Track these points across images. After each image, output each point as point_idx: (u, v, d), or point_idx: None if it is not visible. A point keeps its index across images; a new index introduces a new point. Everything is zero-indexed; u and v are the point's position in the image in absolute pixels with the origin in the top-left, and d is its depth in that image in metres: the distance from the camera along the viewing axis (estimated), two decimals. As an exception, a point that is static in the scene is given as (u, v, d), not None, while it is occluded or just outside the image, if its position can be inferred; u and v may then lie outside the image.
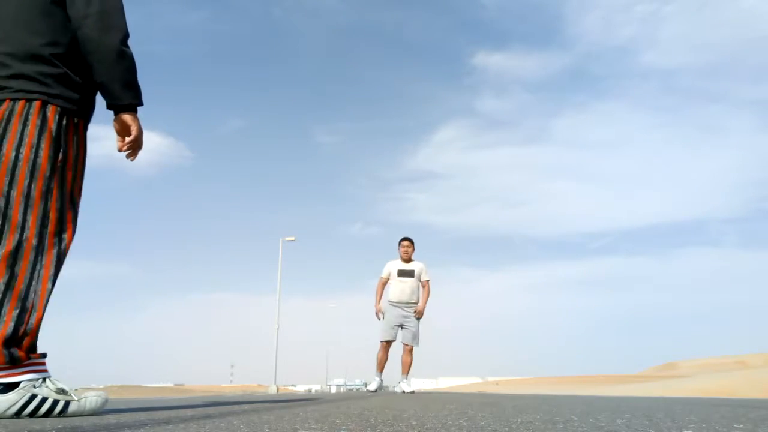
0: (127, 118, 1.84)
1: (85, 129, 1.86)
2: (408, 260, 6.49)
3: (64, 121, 1.74)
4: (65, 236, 1.74)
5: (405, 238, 6.59)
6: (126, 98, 1.82)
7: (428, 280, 6.47)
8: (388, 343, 6.33)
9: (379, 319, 6.39)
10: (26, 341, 1.63)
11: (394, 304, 6.33)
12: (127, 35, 1.80)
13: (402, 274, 6.40)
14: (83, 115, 1.83)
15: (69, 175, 1.76)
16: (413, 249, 6.53)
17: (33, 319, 1.64)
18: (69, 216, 1.76)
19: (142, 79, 1.87)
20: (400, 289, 6.35)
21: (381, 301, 6.49)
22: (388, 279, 6.49)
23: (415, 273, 6.40)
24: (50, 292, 1.70)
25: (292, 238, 23.98)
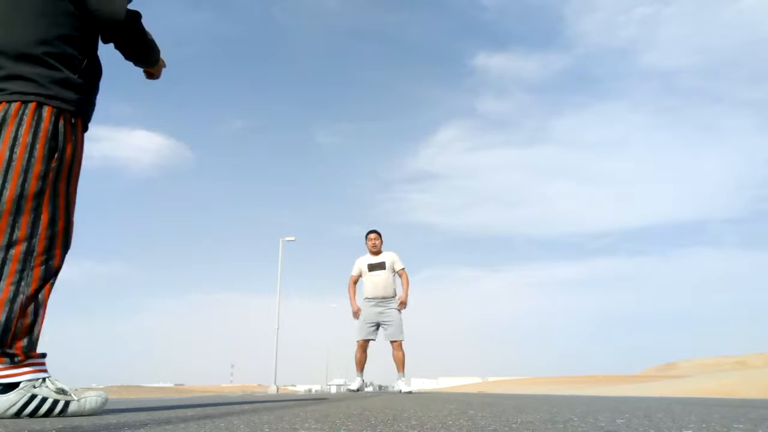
0: (151, 70, 2.12)
1: (84, 129, 1.86)
2: (377, 253, 6.21)
3: (61, 122, 1.73)
4: (56, 237, 1.72)
5: (371, 231, 6.28)
6: (147, 63, 2.06)
7: (404, 269, 6.15)
8: (365, 342, 6.06)
9: (357, 319, 6.11)
10: (20, 342, 1.62)
11: (369, 300, 6.06)
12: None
13: (372, 268, 6.12)
14: (81, 115, 1.82)
15: (63, 176, 1.74)
16: (381, 241, 6.24)
17: (24, 320, 1.62)
18: (61, 216, 1.74)
19: (143, 80, 1.89)
20: (373, 283, 6.05)
21: (356, 300, 6.23)
22: (360, 276, 6.21)
23: (387, 264, 6.11)
24: (41, 290, 1.67)
25: (292, 238, 23.96)
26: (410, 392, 5.86)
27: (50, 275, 1.71)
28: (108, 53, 1.92)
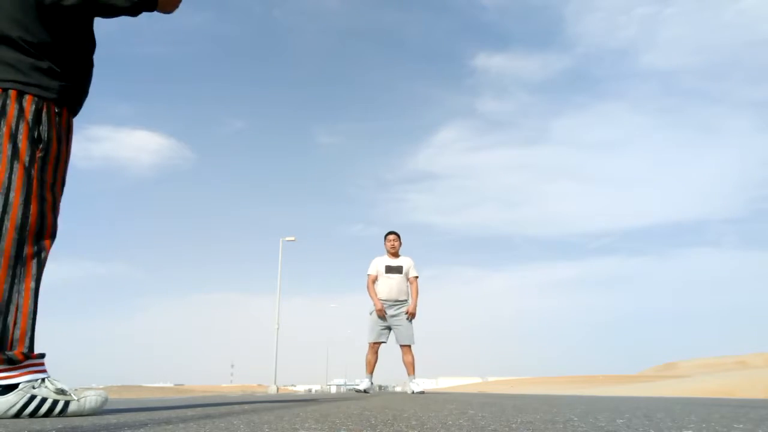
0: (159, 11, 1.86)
1: (69, 119, 1.80)
2: (395, 255, 6.19)
3: (44, 111, 1.68)
4: (45, 228, 1.68)
5: (391, 232, 6.24)
6: (147, 6, 1.80)
7: (416, 277, 6.15)
8: (377, 344, 6.05)
9: (384, 314, 6.01)
10: (20, 343, 1.61)
11: (382, 302, 6.02)
12: None
13: (390, 270, 6.08)
14: (66, 104, 1.77)
15: (50, 167, 1.70)
16: (400, 243, 6.21)
17: (20, 320, 1.61)
18: (49, 208, 1.69)
19: (143, 80, 1.87)
20: (388, 286, 6.02)
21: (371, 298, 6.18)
22: (377, 276, 6.15)
23: (404, 269, 6.11)
24: (36, 287, 1.65)
25: (292, 238, 23.97)
26: (423, 392, 5.87)
27: (42, 270, 1.68)
28: (108, 52, 1.91)
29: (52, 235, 1.72)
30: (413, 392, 5.87)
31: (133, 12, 1.81)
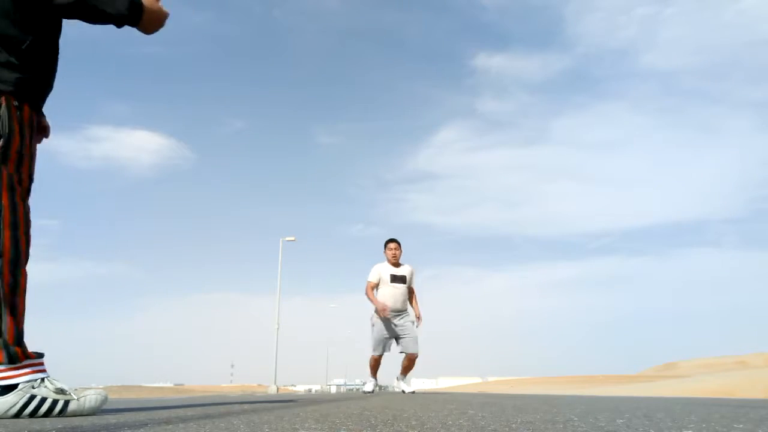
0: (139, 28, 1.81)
1: (32, 114, 1.74)
2: (397, 264, 6.03)
3: (2, 105, 1.63)
4: (18, 221, 1.62)
5: (392, 240, 6.07)
6: (131, 20, 1.77)
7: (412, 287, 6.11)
8: (381, 356, 5.96)
9: (388, 315, 5.80)
10: (8, 338, 1.59)
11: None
12: None
13: (395, 279, 5.92)
14: (27, 98, 1.71)
15: (11, 163, 1.63)
16: (401, 251, 6.04)
17: (5, 315, 1.58)
18: (19, 198, 1.64)
19: (143, 80, 1.85)
20: (393, 296, 5.85)
21: (368, 310, 6.06)
22: (378, 284, 5.95)
23: (407, 279, 5.98)
24: (14, 282, 1.60)
25: (292, 238, 24.01)
26: (413, 392, 5.87)
27: (19, 263, 1.62)
28: (108, 52, 1.89)
29: (26, 231, 1.66)
30: (404, 392, 5.89)
31: (118, 22, 1.77)
